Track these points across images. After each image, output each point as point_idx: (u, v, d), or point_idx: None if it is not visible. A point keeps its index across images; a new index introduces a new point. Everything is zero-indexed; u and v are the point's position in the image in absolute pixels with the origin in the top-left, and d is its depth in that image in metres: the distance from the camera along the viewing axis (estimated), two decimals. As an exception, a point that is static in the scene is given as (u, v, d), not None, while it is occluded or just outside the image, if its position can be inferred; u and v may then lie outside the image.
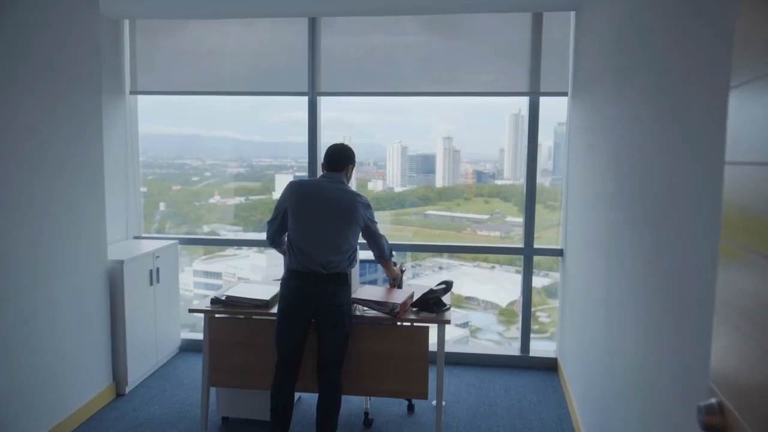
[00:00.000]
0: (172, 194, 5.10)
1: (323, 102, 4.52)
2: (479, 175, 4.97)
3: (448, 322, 3.15)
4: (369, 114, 4.86)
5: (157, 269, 4.28)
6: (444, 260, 5.01)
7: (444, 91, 4.43)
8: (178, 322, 4.67)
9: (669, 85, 1.97)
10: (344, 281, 2.99)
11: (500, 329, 4.84)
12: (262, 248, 4.89)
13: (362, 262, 3.76)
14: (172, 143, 5.14)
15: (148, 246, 4.35)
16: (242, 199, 5.12)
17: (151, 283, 4.23)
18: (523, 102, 4.41)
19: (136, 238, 4.80)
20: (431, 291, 3.26)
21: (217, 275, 5.18)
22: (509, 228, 4.72)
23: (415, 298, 3.28)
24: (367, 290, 3.35)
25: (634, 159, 2.38)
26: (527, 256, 4.47)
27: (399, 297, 3.25)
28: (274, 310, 3.19)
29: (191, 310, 3.37)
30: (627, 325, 2.42)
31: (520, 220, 4.53)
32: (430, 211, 4.95)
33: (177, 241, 4.66)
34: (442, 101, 4.58)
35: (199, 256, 5.24)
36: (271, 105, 4.71)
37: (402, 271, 3.55)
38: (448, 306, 3.25)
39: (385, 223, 5.05)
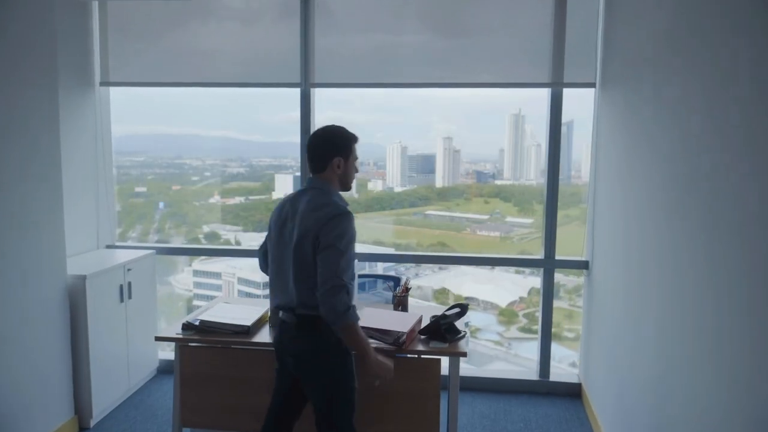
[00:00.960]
0: (171, 194, 4.88)
1: (322, 102, 3.91)
2: (479, 176, 4.82)
3: (464, 354, 2.41)
4: (369, 114, 4.59)
5: (129, 284, 3.55)
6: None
7: (453, 81, 3.69)
8: (155, 341, 3.73)
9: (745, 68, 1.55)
10: (310, 327, 2.07)
11: (500, 329, 4.68)
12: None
13: (361, 276, 3.15)
14: (173, 143, 4.90)
15: (120, 257, 3.63)
16: (242, 199, 4.95)
17: (122, 300, 3.48)
18: (533, 98, 3.87)
19: (108, 247, 4.05)
20: (443, 316, 2.53)
21: (217, 275, 4.90)
22: (509, 228, 4.54)
23: (423, 324, 2.60)
24: (366, 315, 2.58)
25: (706, 159, 1.84)
26: (548, 269, 3.80)
27: (405, 323, 2.49)
28: (259, 337, 2.55)
29: (158, 338, 2.67)
30: (689, 353, 1.89)
31: (522, 220, 4.18)
32: (430, 211, 4.82)
33: (153, 251, 3.96)
34: (442, 101, 4.22)
35: (198, 257, 4.93)
36: (271, 105, 4.47)
37: (407, 289, 2.84)
38: (463, 333, 2.53)
39: (385, 223, 4.72)
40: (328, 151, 2.12)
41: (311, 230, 2.01)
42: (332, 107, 4.22)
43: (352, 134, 2.19)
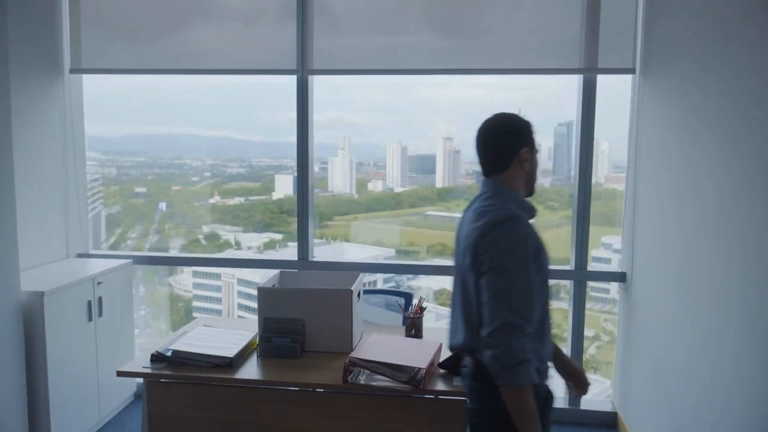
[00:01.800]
0: (171, 194, 4.83)
1: (321, 103, 3.62)
2: (479, 176, 4.49)
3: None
4: (368, 114, 4.49)
5: (99, 299, 3.11)
6: (444, 261, 4.46)
7: (470, 68, 3.30)
8: (132, 363, 3.40)
9: None
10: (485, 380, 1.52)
11: None
12: (262, 249, 4.63)
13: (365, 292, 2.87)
14: (173, 143, 4.85)
15: (91, 268, 3.21)
16: (242, 200, 4.90)
17: (90, 318, 3.04)
18: (533, 99, 3.68)
19: (80, 256, 3.63)
20: None
21: (216, 276, 4.82)
22: None
23: (443, 356, 2.17)
24: (374, 343, 2.23)
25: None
26: (578, 281, 3.38)
27: (422, 355, 2.07)
28: (244, 372, 2.15)
29: (121, 373, 2.18)
30: (755, 385, 1.64)
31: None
32: (431, 212, 4.73)
33: (130, 260, 3.54)
34: (442, 101, 4.11)
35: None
36: (271, 105, 4.40)
37: (422, 309, 2.45)
38: None
39: (385, 223, 4.66)
40: (514, 142, 1.64)
41: (470, 247, 1.55)
42: (332, 107, 4.14)
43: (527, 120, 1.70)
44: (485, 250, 1.50)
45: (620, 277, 3.35)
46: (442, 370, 2.14)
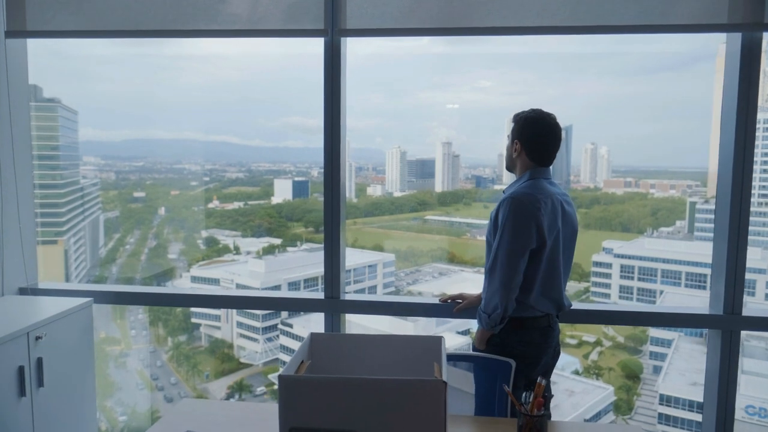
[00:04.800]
0: (170, 199, 4.80)
1: (320, 108, 2.65)
2: (478, 180, 4.83)
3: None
4: (368, 119, 4.49)
5: (39, 362, 2.11)
6: (444, 266, 4.74)
7: (571, 25, 2.27)
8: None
9: None
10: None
11: None
12: (261, 254, 4.61)
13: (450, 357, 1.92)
14: (171, 148, 4.79)
15: (29, 314, 2.23)
16: (241, 204, 4.88)
17: (23, 393, 2.05)
18: (533, 101, 3.46)
19: (22, 292, 2.59)
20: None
21: (215, 281, 4.75)
22: None
23: None
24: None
25: None
26: (728, 331, 2.30)
27: None
28: None
29: None
30: None
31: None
32: (430, 216, 4.78)
33: (90, 298, 2.45)
34: (440, 106, 4.04)
35: (196, 261, 4.82)
36: (271, 108, 4.40)
37: (545, 400, 1.46)
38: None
39: (384, 228, 4.61)
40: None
41: (576, 222, 2.11)
42: None
43: None
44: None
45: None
46: None
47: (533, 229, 1.90)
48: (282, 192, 4.76)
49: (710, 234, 4.08)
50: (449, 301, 2.34)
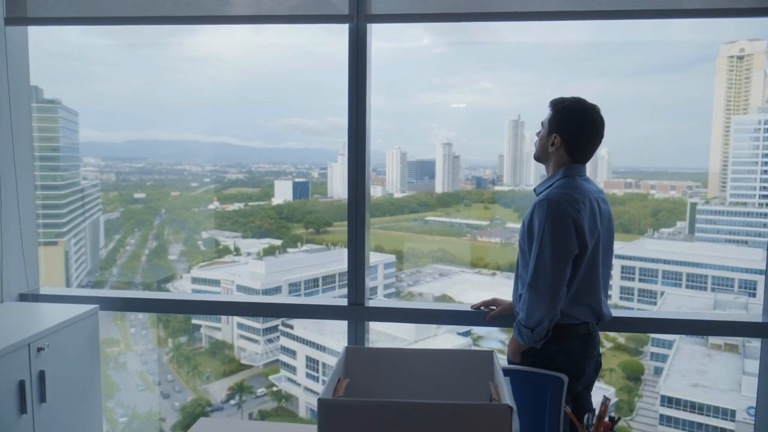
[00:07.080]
0: (170, 200, 4.81)
1: (320, 109, 3.26)
2: (478, 181, 4.80)
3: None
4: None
5: (41, 375, 1.95)
6: (444, 267, 4.73)
7: (615, 9, 2.07)
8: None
9: None
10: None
11: (502, 337, 4.35)
12: (261, 255, 4.62)
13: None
14: (172, 149, 4.81)
15: (30, 323, 2.10)
16: (241, 205, 4.89)
17: (24, 410, 1.88)
18: (533, 105, 3.73)
19: (22, 298, 2.44)
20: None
21: (215, 282, 4.75)
22: (510, 234, 4.51)
23: None
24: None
25: None
26: None
27: None
28: None
29: None
30: None
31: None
32: (430, 217, 4.77)
33: (96, 305, 2.25)
34: (440, 107, 4.08)
35: (197, 262, 4.80)
36: (271, 109, 4.41)
37: (613, 422, 1.20)
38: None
39: (385, 228, 4.59)
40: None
41: (612, 220, 1.91)
42: (330, 113, 4.19)
43: None
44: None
45: None
46: None
47: (573, 233, 1.70)
48: (282, 193, 4.78)
49: (711, 235, 4.09)
50: (482, 308, 2.13)
